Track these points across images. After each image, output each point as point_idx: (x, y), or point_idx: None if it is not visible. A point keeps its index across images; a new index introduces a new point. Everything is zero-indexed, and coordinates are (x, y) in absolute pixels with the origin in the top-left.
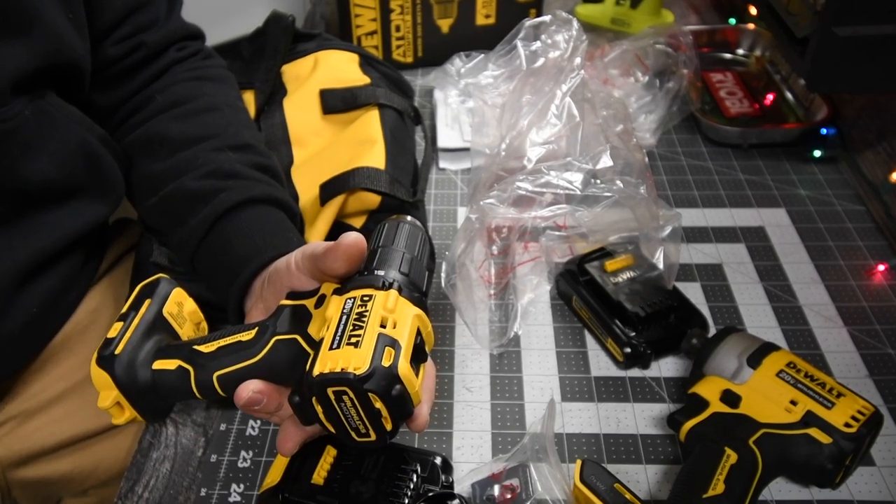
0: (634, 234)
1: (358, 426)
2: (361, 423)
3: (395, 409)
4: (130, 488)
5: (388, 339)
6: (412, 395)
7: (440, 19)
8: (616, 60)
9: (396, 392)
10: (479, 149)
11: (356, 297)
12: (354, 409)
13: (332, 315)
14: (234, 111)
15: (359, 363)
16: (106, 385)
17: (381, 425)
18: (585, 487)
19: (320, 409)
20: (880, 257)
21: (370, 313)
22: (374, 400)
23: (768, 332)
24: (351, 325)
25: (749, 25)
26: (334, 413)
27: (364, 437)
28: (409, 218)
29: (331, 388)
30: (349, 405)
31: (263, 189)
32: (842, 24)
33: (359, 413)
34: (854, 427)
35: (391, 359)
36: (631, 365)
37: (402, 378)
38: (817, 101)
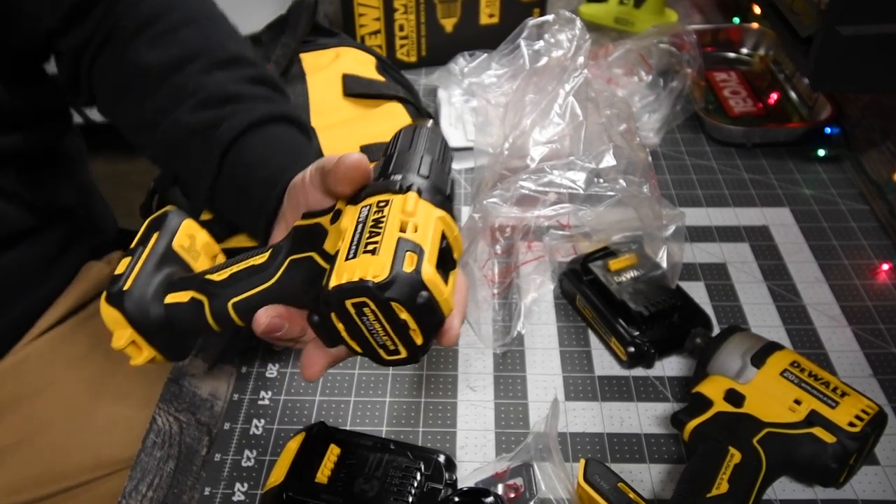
0: (638, 234)
1: (385, 342)
2: (388, 338)
3: (423, 319)
4: (135, 487)
5: (409, 244)
6: (441, 303)
7: (444, 19)
8: (619, 60)
9: (422, 299)
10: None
11: (372, 205)
12: (378, 323)
13: (347, 226)
14: (212, 22)
15: (378, 270)
16: (118, 323)
17: (410, 339)
18: (589, 487)
19: (342, 327)
20: (884, 256)
21: (388, 218)
22: (399, 310)
23: (772, 331)
24: (367, 233)
25: (753, 25)
26: (357, 329)
27: (394, 355)
28: (428, 122)
29: (349, 301)
30: (372, 319)
31: (264, 108)
32: (846, 24)
33: (384, 327)
34: (858, 426)
35: (413, 264)
36: (634, 364)
37: (427, 284)
38: (821, 101)
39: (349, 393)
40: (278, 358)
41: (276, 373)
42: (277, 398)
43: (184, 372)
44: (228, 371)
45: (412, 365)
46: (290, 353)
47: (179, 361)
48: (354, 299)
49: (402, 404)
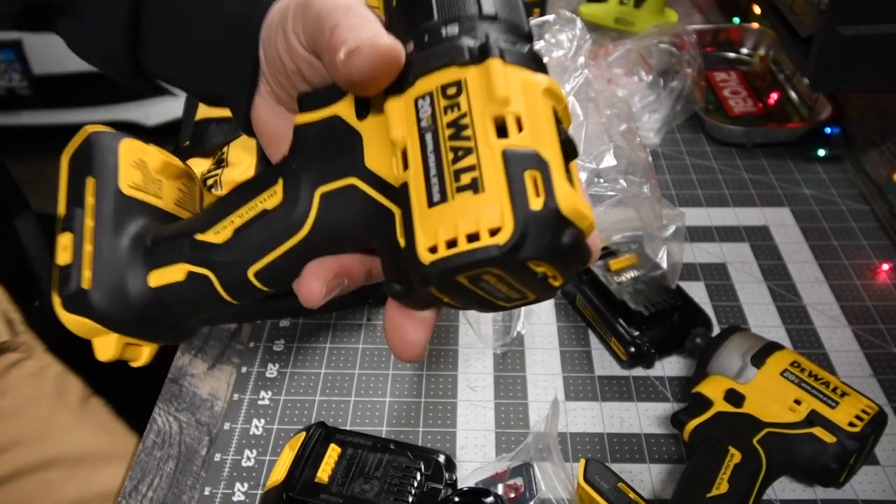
0: (638, 234)
1: (511, 296)
2: (517, 292)
3: (567, 262)
4: (135, 487)
5: (523, 156)
6: (587, 231)
7: None
8: (620, 60)
9: (569, 239)
10: None
11: (434, 94)
12: (504, 284)
13: (402, 135)
14: None
15: (494, 219)
16: (93, 331)
17: (546, 286)
18: (589, 487)
19: (447, 298)
20: (884, 256)
21: (472, 117)
22: (536, 265)
23: (772, 331)
24: (448, 152)
25: (753, 25)
26: (471, 295)
27: (517, 302)
28: None
29: (463, 275)
30: (494, 282)
31: None
32: (846, 24)
33: (511, 286)
34: (858, 426)
35: (542, 190)
36: (634, 364)
37: (569, 216)
38: (821, 101)
39: (349, 393)
40: (278, 358)
41: (276, 373)
42: (277, 398)
43: (184, 372)
44: (228, 371)
45: (414, 364)
46: (290, 353)
47: (185, 341)
48: (473, 271)
49: (402, 404)
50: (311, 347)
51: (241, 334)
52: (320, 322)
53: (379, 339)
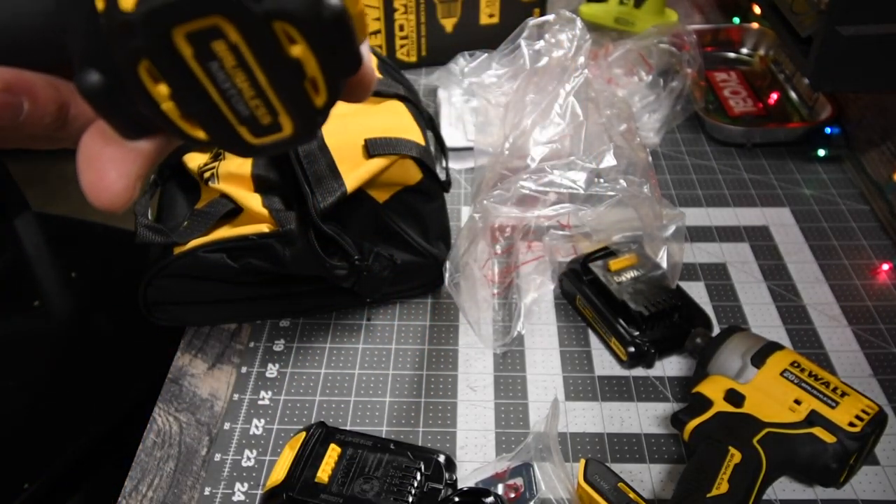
0: (638, 234)
1: (255, 112)
2: (260, 100)
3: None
4: (135, 487)
5: None
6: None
7: (444, 18)
8: (620, 60)
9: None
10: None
11: None
12: (242, 71)
13: None
14: None
15: None
16: None
17: (303, 99)
18: (589, 486)
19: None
20: (884, 256)
21: None
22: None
23: (772, 331)
24: None
25: (753, 25)
26: (195, 88)
27: (270, 135)
28: None
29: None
30: (229, 64)
31: None
32: (846, 24)
33: (252, 78)
34: (858, 426)
35: None
36: (635, 364)
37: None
38: (821, 101)
39: (349, 393)
40: (278, 358)
41: (277, 373)
42: (277, 398)
43: (184, 372)
44: (228, 371)
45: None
46: (290, 353)
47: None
48: (193, 24)
49: (402, 404)
50: (311, 347)
51: (241, 334)
52: (320, 322)
53: (379, 339)
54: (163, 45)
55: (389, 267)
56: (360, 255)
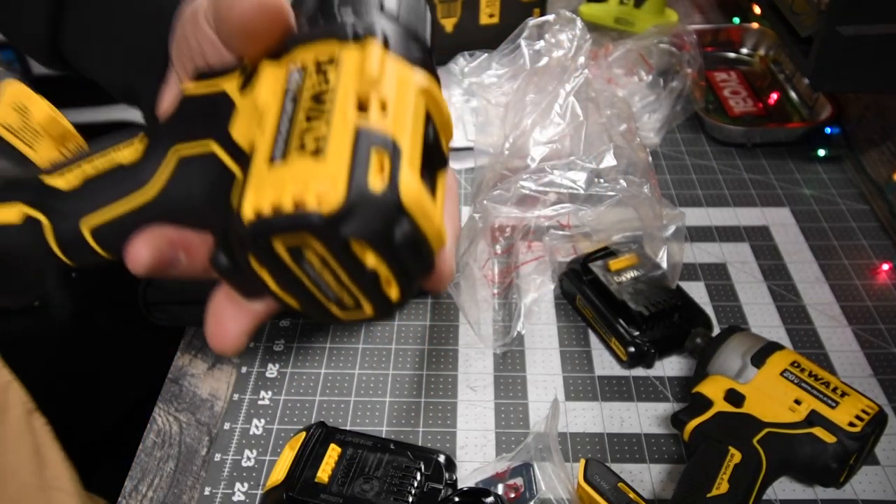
0: (638, 234)
1: (340, 297)
2: (345, 291)
3: (402, 264)
4: (135, 487)
5: (376, 137)
6: (430, 236)
7: (444, 18)
8: (620, 60)
9: (403, 234)
10: (482, 148)
11: (307, 65)
12: (329, 271)
13: (266, 101)
14: None
15: (326, 187)
16: None
17: (379, 292)
18: (589, 487)
19: (267, 276)
20: (885, 256)
21: (337, 89)
22: (363, 252)
23: (772, 331)
24: (303, 115)
25: (753, 25)
26: (293, 280)
27: (353, 312)
28: None
29: (279, 239)
30: (318, 266)
31: None
32: (846, 24)
33: (337, 277)
34: (858, 426)
35: (386, 173)
36: (635, 364)
37: (409, 208)
38: (821, 101)
39: (349, 393)
40: (278, 358)
41: (277, 373)
42: (277, 398)
43: (184, 372)
44: (228, 371)
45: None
46: (290, 353)
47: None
48: (288, 238)
49: (402, 404)
50: (311, 347)
51: None
52: (320, 322)
53: (379, 339)
54: (265, 250)
55: None
56: None
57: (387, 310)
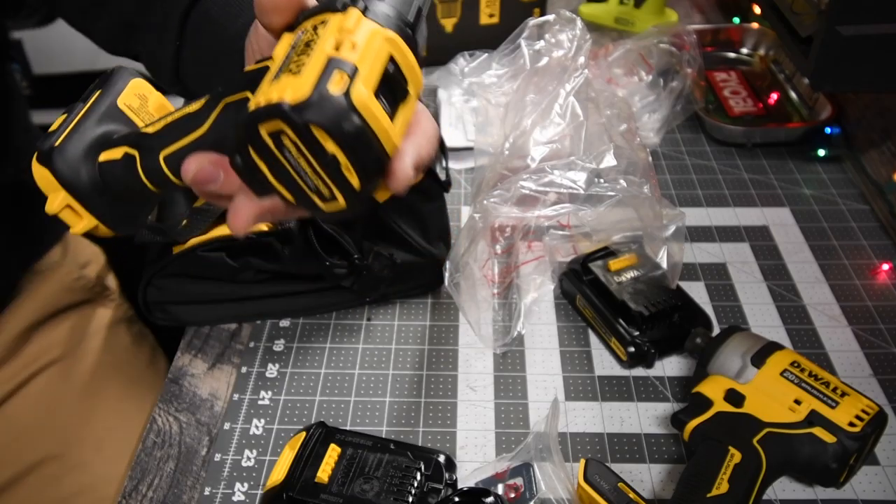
0: (638, 234)
1: (317, 185)
2: (319, 179)
3: (355, 152)
4: (135, 487)
5: (340, 62)
6: (378, 133)
7: (444, 18)
8: (620, 60)
9: (351, 126)
10: (482, 148)
11: (308, 28)
12: (303, 158)
13: (279, 53)
14: None
15: (297, 91)
16: (50, 185)
17: (344, 180)
18: (589, 487)
19: (264, 166)
20: (885, 256)
21: (321, 37)
22: (322, 138)
23: (772, 331)
24: (296, 55)
25: (753, 24)
26: (281, 168)
27: (331, 203)
28: None
29: (263, 127)
30: (294, 152)
31: None
32: (846, 24)
33: (310, 163)
34: (858, 426)
35: (343, 84)
36: (635, 364)
37: (358, 107)
38: (821, 101)
39: (349, 393)
40: (278, 358)
41: (276, 373)
42: (277, 398)
43: (184, 372)
44: (228, 371)
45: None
46: (290, 353)
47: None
48: (268, 125)
49: (402, 404)
50: (311, 347)
51: (241, 334)
52: (320, 322)
53: (379, 339)
54: (255, 139)
55: (389, 266)
56: (360, 254)
57: (354, 199)
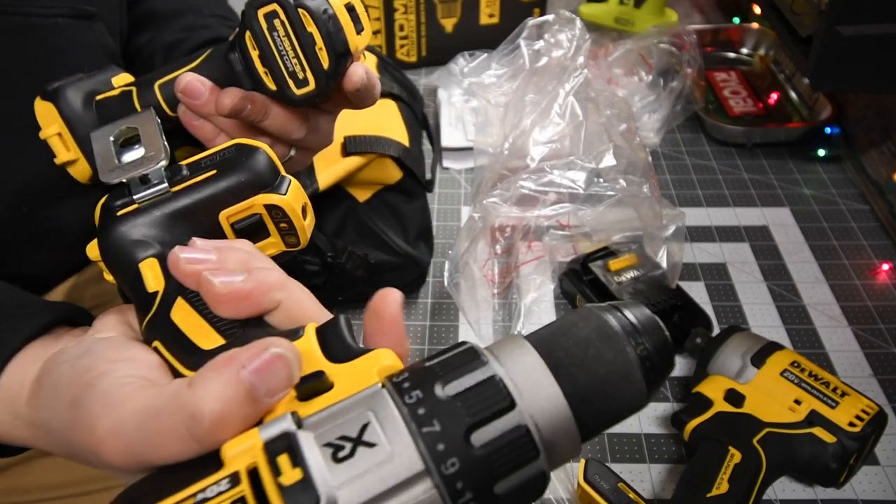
0: (638, 234)
1: (294, 68)
2: (297, 61)
3: (328, 34)
4: None
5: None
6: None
7: (444, 19)
8: (620, 59)
9: (327, 13)
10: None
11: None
12: (287, 39)
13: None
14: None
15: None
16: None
17: (317, 59)
18: (589, 487)
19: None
20: (884, 256)
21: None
22: (306, 20)
23: (772, 331)
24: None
25: (753, 24)
26: (268, 51)
27: (304, 87)
28: None
29: (261, 10)
30: (282, 33)
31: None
32: (846, 24)
33: (292, 43)
34: (858, 426)
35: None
36: None
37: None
38: (821, 101)
39: None
40: None
41: None
42: None
43: None
44: None
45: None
46: None
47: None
48: (266, 8)
49: None
50: None
51: None
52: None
53: None
54: (254, 23)
55: (363, 266)
56: (334, 253)
57: (322, 80)
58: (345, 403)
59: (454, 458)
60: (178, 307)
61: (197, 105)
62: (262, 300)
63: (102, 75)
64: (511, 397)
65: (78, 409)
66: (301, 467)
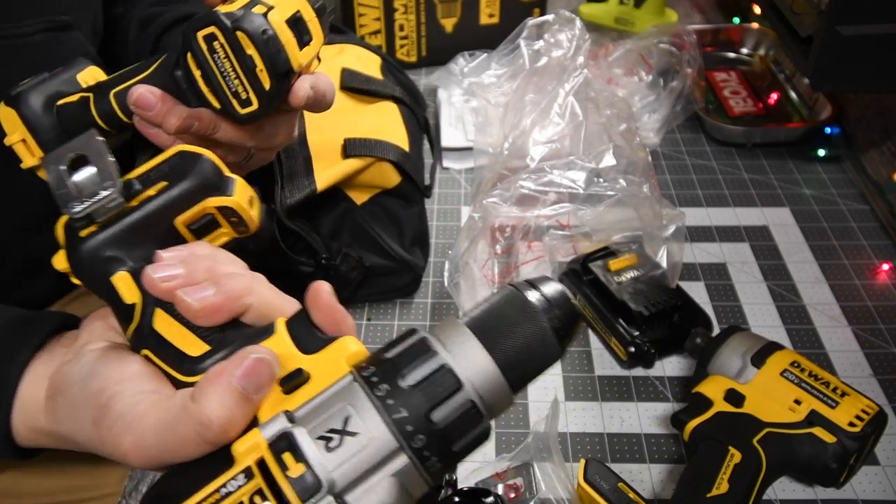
0: (638, 234)
1: (237, 89)
2: (239, 82)
3: (268, 55)
4: (135, 487)
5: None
6: (286, 46)
7: (444, 19)
8: (620, 59)
9: (266, 34)
10: (482, 148)
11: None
12: (228, 61)
13: None
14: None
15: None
16: (13, 123)
17: (259, 82)
18: (589, 487)
19: (198, 73)
20: (884, 256)
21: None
22: (245, 42)
23: (772, 331)
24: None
25: (753, 24)
26: (210, 73)
27: (248, 107)
28: None
29: (200, 32)
30: (222, 56)
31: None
32: (846, 24)
33: (233, 65)
34: (858, 426)
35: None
36: (635, 364)
37: (272, 23)
38: (821, 101)
39: None
40: None
41: None
42: None
43: None
44: None
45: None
46: None
47: None
48: (204, 31)
49: None
50: None
51: None
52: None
53: (379, 339)
54: (193, 44)
55: (358, 269)
56: (328, 255)
57: (265, 100)
58: (325, 396)
59: (421, 435)
60: (159, 318)
61: (150, 116)
62: (234, 307)
63: (67, 73)
64: (458, 380)
65: (100, 429)
66: (303, 462)
